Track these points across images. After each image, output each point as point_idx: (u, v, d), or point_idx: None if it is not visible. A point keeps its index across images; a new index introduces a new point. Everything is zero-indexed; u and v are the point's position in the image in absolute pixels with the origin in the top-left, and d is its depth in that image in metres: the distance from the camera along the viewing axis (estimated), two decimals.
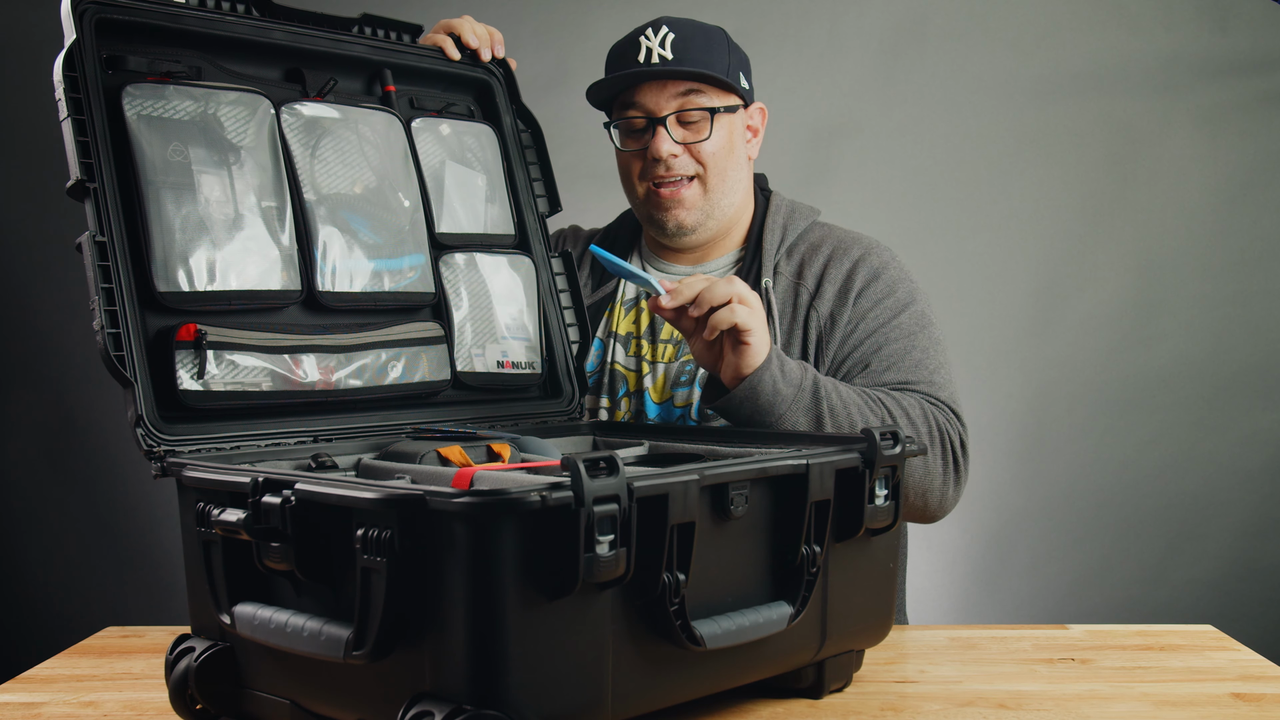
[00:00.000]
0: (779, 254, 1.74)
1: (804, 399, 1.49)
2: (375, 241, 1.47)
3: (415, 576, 0.96)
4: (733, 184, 1.74)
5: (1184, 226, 3.14)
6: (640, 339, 1.77)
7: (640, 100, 1.69)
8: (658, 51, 1.66)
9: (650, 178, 1.72)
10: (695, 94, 1.68)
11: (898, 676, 1.34)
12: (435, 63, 1.62)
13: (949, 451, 1.58)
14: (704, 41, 1.68)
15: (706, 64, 1.67)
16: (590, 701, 1.01)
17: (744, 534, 1.14)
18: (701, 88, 1.68)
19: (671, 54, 1.66)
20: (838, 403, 1.50)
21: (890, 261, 1.73)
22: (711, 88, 1.69)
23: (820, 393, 1.50)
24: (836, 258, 1.72)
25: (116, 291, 1.23)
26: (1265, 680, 1.32)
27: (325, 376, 1.38)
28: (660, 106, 1.68)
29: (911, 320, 1.68)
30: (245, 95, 1.40)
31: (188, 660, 1.16)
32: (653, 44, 1.66)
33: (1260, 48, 3.11)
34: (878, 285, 1.70)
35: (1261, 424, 3.13)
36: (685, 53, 1.66)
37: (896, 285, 1.71)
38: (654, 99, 1.68)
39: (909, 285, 1.72)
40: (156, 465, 1.21)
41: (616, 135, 1.74)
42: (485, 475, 1.17)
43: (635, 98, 1.69)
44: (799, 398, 1.49)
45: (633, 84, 1.69)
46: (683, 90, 1.68)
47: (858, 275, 1.70)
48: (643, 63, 1.67)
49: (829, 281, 1.70)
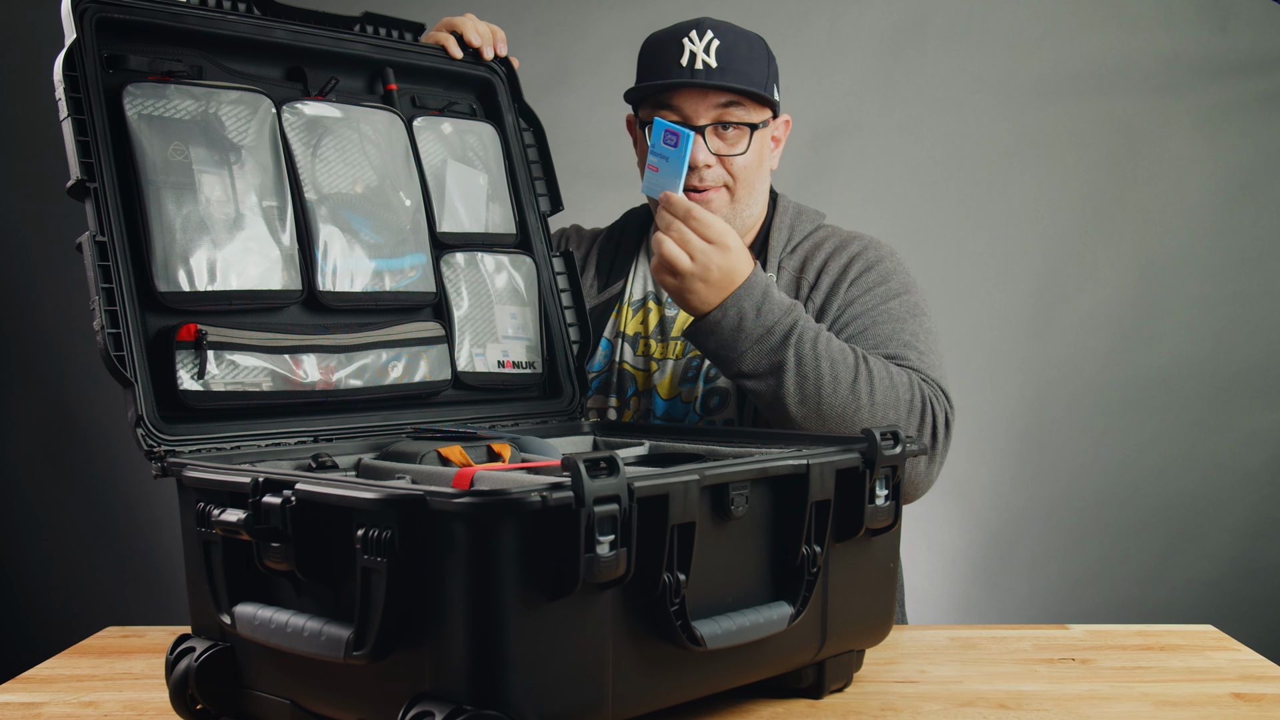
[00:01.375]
0: (784, 253, 1.74)
1: (771, 340, 1.49)
2: (376, 241, 1.47)
3: (415, 576, 0.96)
4: (758, 195, 1.74)
5: (1184, 226, 3.14)
6: (649, 339, 1.77)
7: (679, 105, 1.67)
8: (701, 57, 1.64)
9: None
10: (735, 106, 1.66)
11: (898, 676, 1.34)
12: (437, 61, 1.62)
13: (931, 426, 1.55)
14: (747, 52, 1.67)
15: (749, 76, 1.65)
16: (590, 702, 1.01)
17: (744, 534, 1.14)
18: (742, 100, 1.66)
19: (716, 62, 1.64)
20: (808, 352, 1.49)
21: (888, 256, 1.73)
22: (751, 101, 1.67)
23: (791, 338, 1.49)
24: (837, 253, 1.73)
25: (117, 291, 1.23)
26: (1265, 680, 1.32)
27: (326, 376, 1.38)
28: (699, 115, 1.66)
29: (903, 307, 1.67)
30: (246, 94, 1.40)
31: (188, 660, 1.16)
32: (697, 48, 1.64)
33: (1260, 48, 3.11)
34: (871, 274, 1.70)
35: (1261, 424, 3.13)
36: (729, 62, 1.64)
37: (890, 275, 1.70)
38: (693, 107, 1.66)
39: (904, 278, 1.72)
40: (156, 465, 1.21)
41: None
42: (485, 475, 1.17)
43: (674, 101, 1.67)
44: (765, 339, 1.49)
45: (670, 90, 1.67)
46: (723, 102, 1.66)
47: (853, 266, 1.70)
48: (685, 66, 1.65)
49: (826, 274, 1.70)
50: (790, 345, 1.48)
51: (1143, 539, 3.16)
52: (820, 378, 1.48)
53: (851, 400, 1.49)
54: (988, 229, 3.16)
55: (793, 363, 1.48)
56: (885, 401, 1.50)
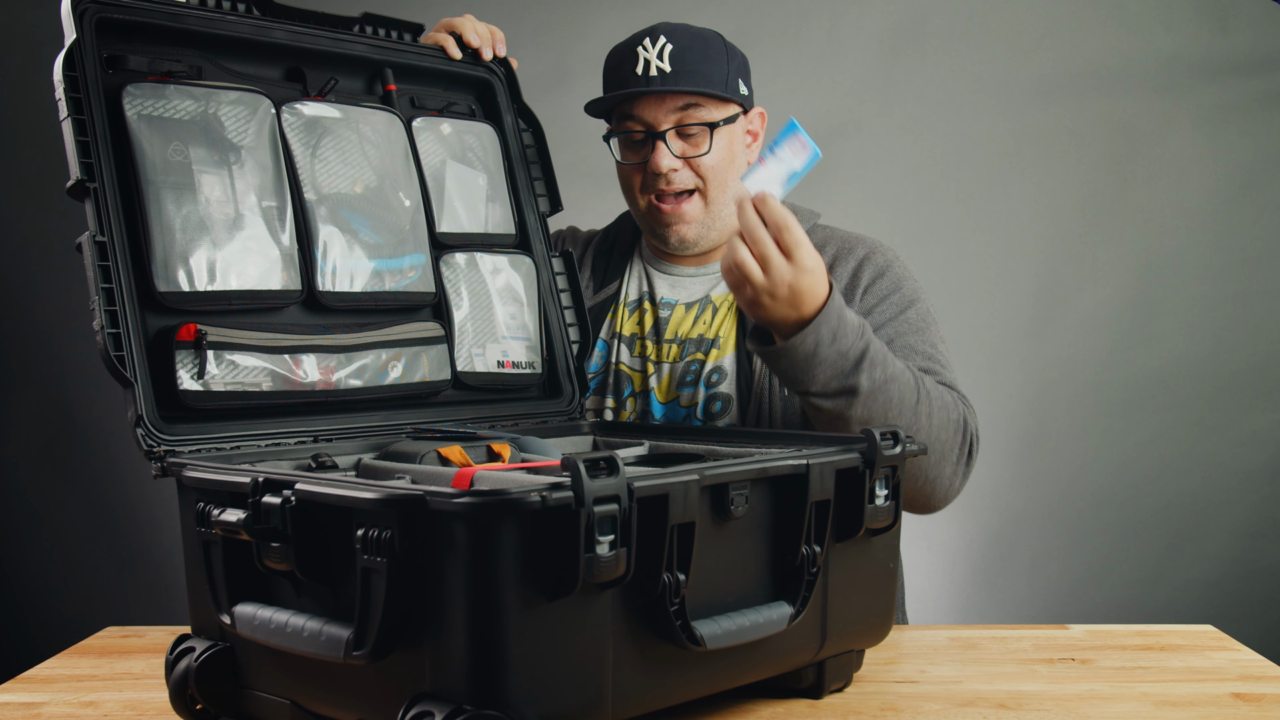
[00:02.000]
0: None
1: (844, 365, 1.44)
2: (376, 241, 1.47)
3: (415, 576, 0.96)
4: (733, 194, 1.74)
5: (1184, 226, 3.14)
6: (645, 339, 1.77)
7: (639, 113, 1.69)
8: (655, 64, 1.65)
9: (652, 190, 1.72)
10: (694, 108, 1.67)
11: (898, 676, 1.34)
12: (436, 62, 1.62)
13: (969, 441, 1.57)
14: (702, 51, 1.67)
15: (705, 75, 1.66)
16: (590, 701, 1.01)
17: (744, 534, 1.14)
18: (700, 100, 1.67)
19: (670, 66, 1.65)
20: (879, 377, 1.45)
21: (894, 260, 1.74)
22: (710, 100, 1.68)
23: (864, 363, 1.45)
24: (841, 257, 1.73)
25: (116, 291, 1.23)
26: (1265, 680, 1.32)
27: (325, 376, 1.38)
28: (659, 120, 1.68)
29: (918, 316, 1.68)
30: (246, 95, 1.40)
31: (188, 660, 1.16)
32: (650, 55, 1.65)
33: (1260, 48, 3.11)
34: (883, 282, 1.70)
35: (1261, 424, 3.13)
36: (683, 65, 1.65)
37: (901, 282, 1.71)
38: (652, 113, 1.68)
39: (913, 283, 1.73)
40: (156, 465, 1.21)
41: (616, 147, 1.74)
42: (485, 475, 1.17)
43: (634, 110, 1.69)
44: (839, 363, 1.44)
45: (630, 99, 1.68)
46: (681, 104, 1.67)
47: (863, 273, 1.71)
48: (640, 74, 1.66)
49: (835, 280, 1.69)
50: (863, 371, 1.45)
51: (1143, 539, 3.16)
52: (889, 401, 1.46)
53: (914, 422, 1.48)
54: (988, 229, 3.16)
55: (865, 387, 1.45)
56: (940, 422, 1.51)
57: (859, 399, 1.45)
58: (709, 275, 1.79)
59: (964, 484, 1.60)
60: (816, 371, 1.44)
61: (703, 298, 1.77)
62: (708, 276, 1.78)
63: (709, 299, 1.76)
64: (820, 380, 1.44)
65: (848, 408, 1.46)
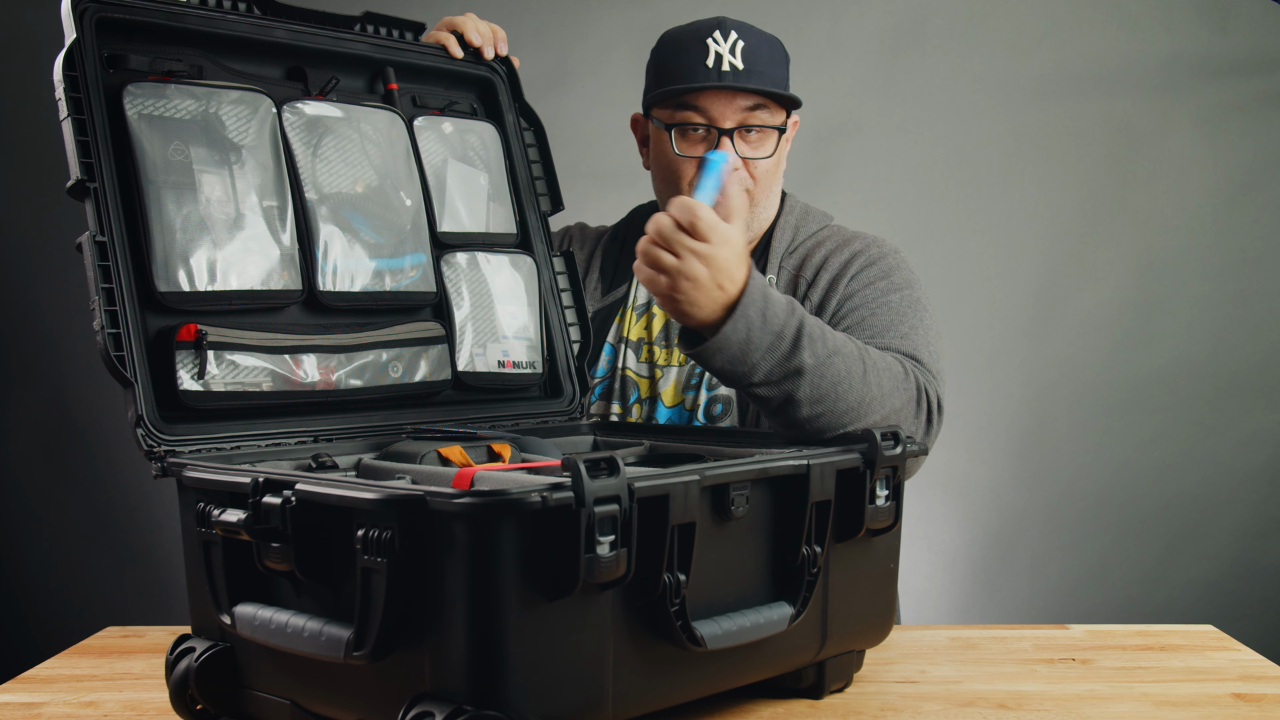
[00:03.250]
0: (785, 254, 1.73)
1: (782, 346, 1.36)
2: (376, 241, 1.47)
3: (415, 577, 0.96)
4: (774, 197, 1.74)
5: (1184, 226, 3.14)
6: (652, 344, 1.77)
7: (705, 106, 1.64)
8: (728, 59, 1.62)
9: None
10: (761, 109, 1.64)
11: (898, 676, 1.34)
12: (438, 61, 1.62)
13: (927, 406, 1.50)
14: (770, 53, 1.65)
15: (774, 78, 1.64)
16: (590, 702, 1.01)
17: (745, 534, 1.14)
18: (767, 102, 1.65)
19: (743, 63, 1.62)
20: (820, 351, 1.37)
21: (890, 253, 1.71)
22: (774, 104, 1.66)
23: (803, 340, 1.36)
24: (838, 250, 1.71)
25: (117, 291, 1.23)
26: (1265, 680, 1.32)
27: (326, 376, 1.38)
28: (725, 117, 1.64)
29: (903, 301, 1.64)
30: (247, 94, 1.40)
31: (188, 660, 1.16)
32: (723, 49, 1.62)
33: (1260, 48, 3.10)
34: (872, 269, 1.67)
35: (1261, 424, 3.13)
36: (755, 64, 1.63)
37: (892, 271, 1.68)
38: (720, 109, 1.64)
39: (906, 274, 1.69)
40: (156, 465, 1.21)
41: (672, 138, 1.67)
42: (486, 475, 1.17)
43: (699, 103, 1.64)
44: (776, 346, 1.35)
45: (696, 92, 1.64)
46: (750, 104, 1.64)
47: (854, 262, 1.68)
48: (711, 68, 1.62)
49: (825, 270, 1.68)
50: (804, 349, 1.36)
51: (1143, 539, 3.16)
52: (836, 377, 1.38)
53: (865, 391, 1.40)
54: (988, 229, 3.16)
55: (809, 365, 1.36)
56: (890, 388, 1.45)
57: (805, 378, 1.36)
58: None
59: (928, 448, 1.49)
60: (755, 359, 1.34)
61: None
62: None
63: None
64: (763, 369, 1.35)
65: (794, 391, 1.36)
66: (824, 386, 1.37)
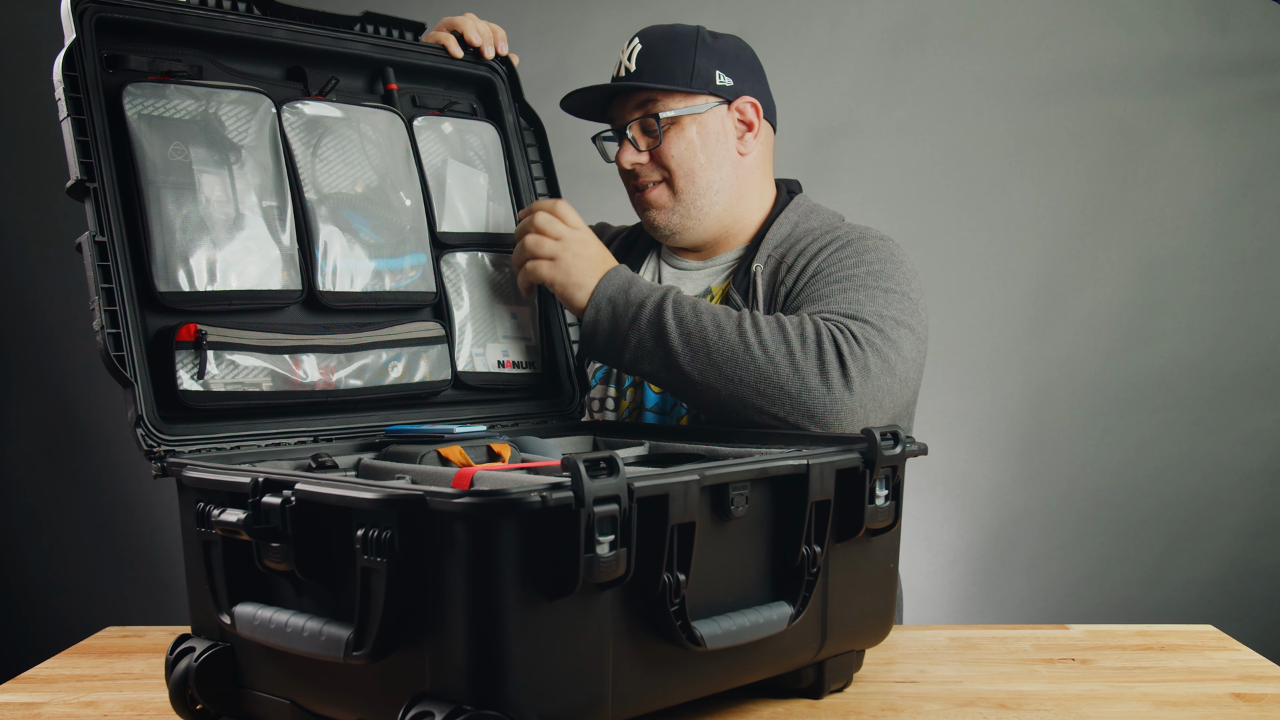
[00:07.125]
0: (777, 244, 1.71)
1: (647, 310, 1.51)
2: (376, 241, 1.47)
3: (415, 576, 0.96)
4: (710, 184, 1.72)
5: (1184, 226, 3.14)
6: None
7: (612, 113, 1.76)
8: (624, 65, 1.71)
9: (630, 185, 1.77)
10: (652, 103, 1.69)
11: (898, 676, 1.34)
12: (438, 61, 1.62)
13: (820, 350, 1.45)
14: (666, 49, 1.69)
15: (666, 72, 1.68)
16: (590, 702, 1.01)
17: (744, 534, 1.14)
18: (656, 96, 1.69)
19: (634, 66, 1.69)
20: (687, 312, 1.50)
21: (878, 242, 1.64)
22: (669, 94, 1.69)
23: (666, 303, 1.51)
24: (822, 236, 1.67)
25: (116, 291, 1.23)
26: (1265, 680, 1.32)
27: (325, 376, 1.38)
28: (623, 118, 1.73)
29: (868, 276, 1.57)
30: (246, 94, 1.40)
31: (188, 660, 1.16)
32: (623, 57, 1.72)
33: (1260, 48, 3.11)
34: (846, 249, 1.62)
35: (1261, 424, 3.13)
36: (644, 64, 1.69)
37: (867, 252, 1.61)
38: (618, 112, 1.74)
39: (888, 261, 1.61)
40: (156, 465, 1.21)
41: (602, 146, 1.81)
42: (485, 475, 1.17)
43: (610, 111, 1.76)
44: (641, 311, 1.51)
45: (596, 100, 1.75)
46: (641, 101, 1.70)
47: (832, 244, 1.64)
48: (616, 77, 1.72)
49: (804, 255, 1.65)
50: (667, 308, 1.50)
51: (1143, 539, 3.16)
52: (704, 328, 1.48)
53: (740, 341, 1.46)
54: (988, 229, 3.16)
55: (673, 323, 1.49)
56: (773, 336, 1.46)
57: (671, 335, 1.49)
58: (711, 268, 1.79)
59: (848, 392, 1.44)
60: (624, 328, 1.52)
61: (704, 290, 1.77)
62: (710, 269, 1.79)
63: (709, 290, 1.77)
64: (634, 336, 1.51)
65: (668, 351, 1.49)
66: (695, 342, 1.49)
